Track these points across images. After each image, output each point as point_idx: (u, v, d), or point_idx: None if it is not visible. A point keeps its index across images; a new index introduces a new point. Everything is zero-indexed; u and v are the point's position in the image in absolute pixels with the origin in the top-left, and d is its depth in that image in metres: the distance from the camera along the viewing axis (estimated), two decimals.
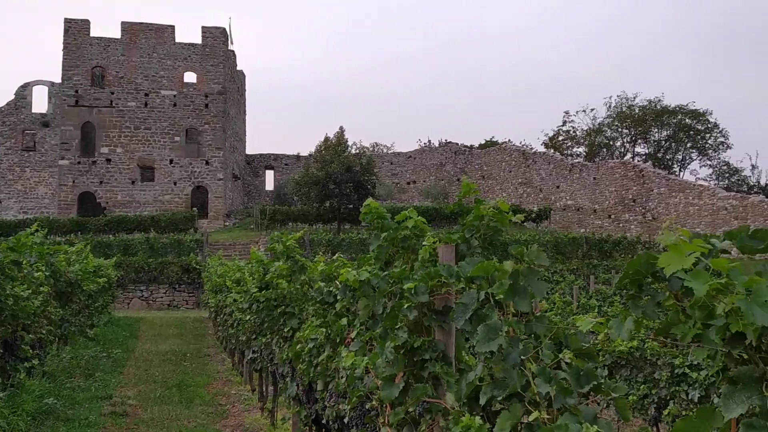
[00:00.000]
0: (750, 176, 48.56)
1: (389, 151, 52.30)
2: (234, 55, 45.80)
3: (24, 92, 42.32)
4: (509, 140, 49.78)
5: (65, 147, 39.79)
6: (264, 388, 8.36)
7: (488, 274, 2.78)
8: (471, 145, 54.52)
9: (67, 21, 40.36)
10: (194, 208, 39.78)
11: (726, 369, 1.85)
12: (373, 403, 3.69)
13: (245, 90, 51.23)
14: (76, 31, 40.29)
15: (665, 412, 6.56)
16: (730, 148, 51.21)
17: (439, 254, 3.36)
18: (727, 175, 49.84)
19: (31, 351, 7.27)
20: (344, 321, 4.48)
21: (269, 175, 50.93)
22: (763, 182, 47.41)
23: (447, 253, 3.34)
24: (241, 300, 8.36)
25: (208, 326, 18.52)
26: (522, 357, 2.47)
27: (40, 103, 42.57)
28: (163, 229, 35.62)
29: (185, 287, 26.74)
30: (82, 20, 40.50)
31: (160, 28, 41.31)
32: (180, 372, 11.08)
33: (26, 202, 41.33)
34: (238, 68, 48.32)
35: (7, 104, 41.93)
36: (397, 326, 3.37)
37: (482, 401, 2.55)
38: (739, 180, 48.73)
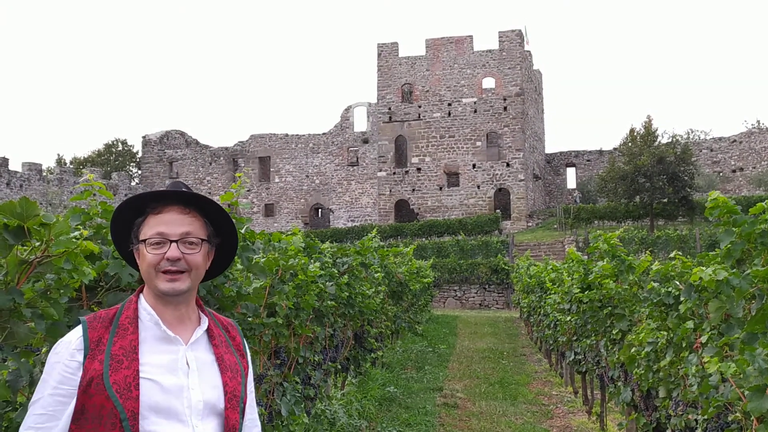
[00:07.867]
0: None
1: (708, 137, 47.10)
2: (530, 55, 45.91)
3: (347, 114, 48.18)
4: None
5: (382, 160, 44.18)
6: (588, 391, 8.17)
7: None
8: None
9: (380, 45, 44.79)
10: (498, 210, 40.83)
11: None
12: (737, 415, 3.33)
13: (542, 89, 50.95)
14: (387, 53, 44.50)
15: None
16: None
17: None
18: None
19: (375, 343, 8.19)
20: (690, 324, 4.16)
21: (570, 172, 49.80)
22: None
23: None
24: (561, 301, 8.29)
25: (519, 326, 18.80)
26: None
27: (360, 122, 48.10)
28: (470, 231, 37.25)
29: (494, 287, 27.55)
30: (391, 43, 44.57)
31: (459, 39, 43.39)
32: (499, 369, 11.42)
33: (353, 211, 46.89)
34: (535, 68, 48.27)
35: (335, 126, 48.17)
36: (765, 331, 3.00)
37: None
38: None
